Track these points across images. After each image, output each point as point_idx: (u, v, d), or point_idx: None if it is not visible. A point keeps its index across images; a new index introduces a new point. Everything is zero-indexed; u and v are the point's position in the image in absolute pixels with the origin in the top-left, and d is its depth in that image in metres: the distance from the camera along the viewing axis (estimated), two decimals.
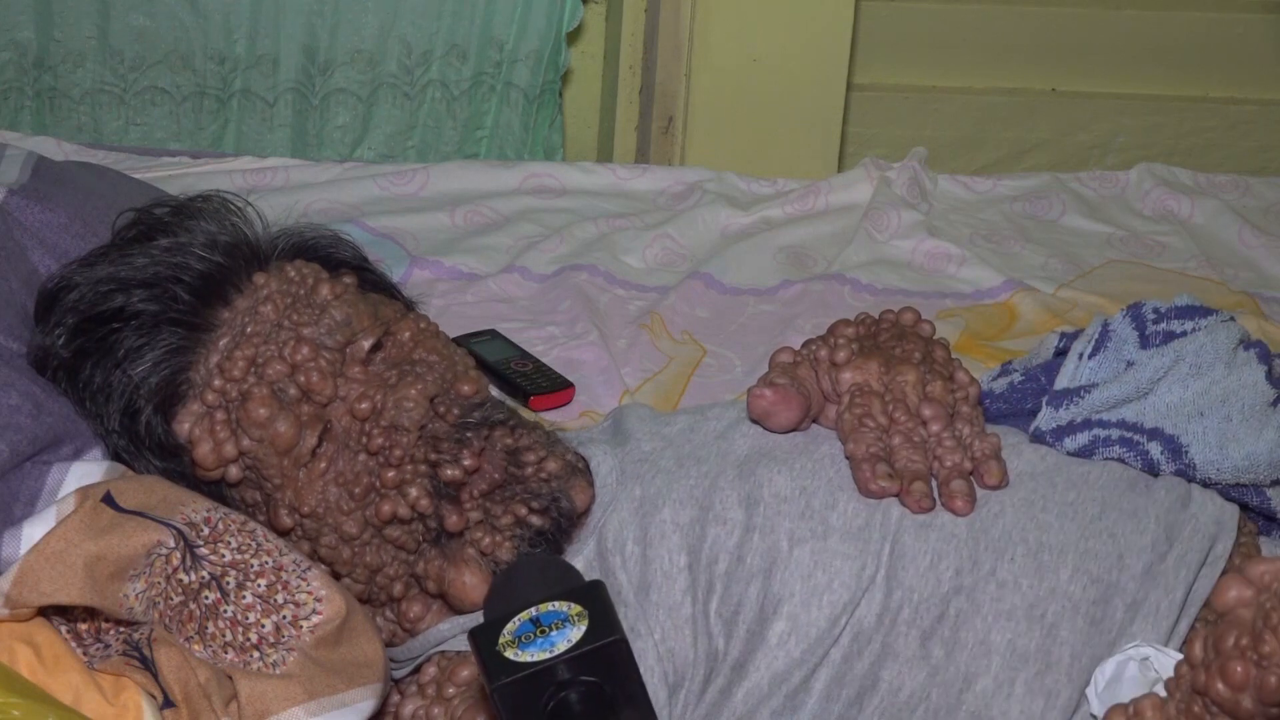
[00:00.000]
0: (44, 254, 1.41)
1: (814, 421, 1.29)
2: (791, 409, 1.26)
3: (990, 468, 1.21)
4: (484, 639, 0.90)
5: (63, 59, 2.63)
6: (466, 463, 1.23)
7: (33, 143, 2.21)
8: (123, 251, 1.32)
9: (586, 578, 0.98)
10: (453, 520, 1.22)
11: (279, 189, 2.20)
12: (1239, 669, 0.86)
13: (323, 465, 1.25)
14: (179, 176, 2.16)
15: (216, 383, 1.25)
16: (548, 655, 0.89)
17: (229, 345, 1.26)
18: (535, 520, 1.24)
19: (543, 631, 0.90)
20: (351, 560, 1.25)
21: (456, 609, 1.25)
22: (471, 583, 1.23)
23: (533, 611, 0.91)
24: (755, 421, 1.28)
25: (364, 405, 1.24)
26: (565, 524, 1.25)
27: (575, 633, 0.89)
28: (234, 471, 1.25)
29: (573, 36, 2.76)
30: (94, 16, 2.62)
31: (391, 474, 1.23)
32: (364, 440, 1.24)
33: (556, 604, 0.91)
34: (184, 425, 1.26)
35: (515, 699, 0.89)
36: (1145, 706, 0.91)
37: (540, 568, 0.99)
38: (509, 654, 0.89)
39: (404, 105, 2.74)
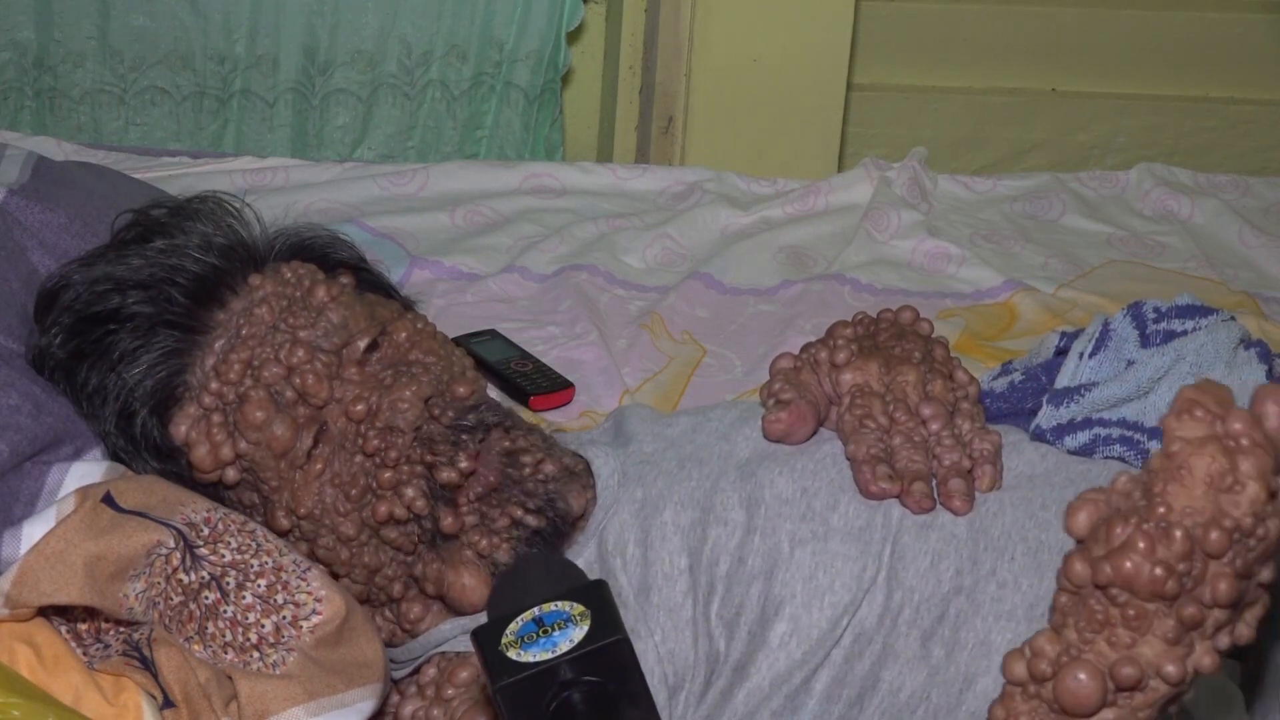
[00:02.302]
0: (44, 254, 1.41)
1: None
2: (807, 424, 1.26)
3: (984, 472, 1.21)
4: (487, 639, 0.90)
5: (63, 59, 2.64)
6: (463, 465, 1.23)
7: (33, 143, 2.21)
8: (120, 252, 1.32)
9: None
10: (448, 522, 1.22)
11: (279, 189, 2.20)
12: (1141, 541, 0.84)
13: (319, 467, 1.25)
14: (179, 176, 2.16)
15: (213, 385, 1.25)
16: (550, 655, 0.89)
17: (224, 348, 1.26)
18: (531, 521, 1.24)
19: (545, 631, 0.89)
20: (350, 561, 1.25)
21: (456, 611, 1.25)
22: (470, 585, 1.23)
23: (535, 611, 0.90)
24: (775, 442, 1.28)
25: (359, 407, 1.24)
26: (561, 525, 1.25)
27: (578, 633, 0.89)
28: (231, 474, 1.25)
29: (573, 36, 2.77)
30: (94, 16, 2.62)
31: (388, 475, 1.23)
32: (359, 442, 1.24)
33: (559, 604, 0.91)
34: (180, 428, 1.26)
35: (518, 699, 0.89)
36: (1041, 642, 0.87)
37: (543, 566, 0.98)
38: (512, 654, 0.89)
39: (404, 105, 2.74)
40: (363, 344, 1.27)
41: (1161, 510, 0.84)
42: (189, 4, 2.63)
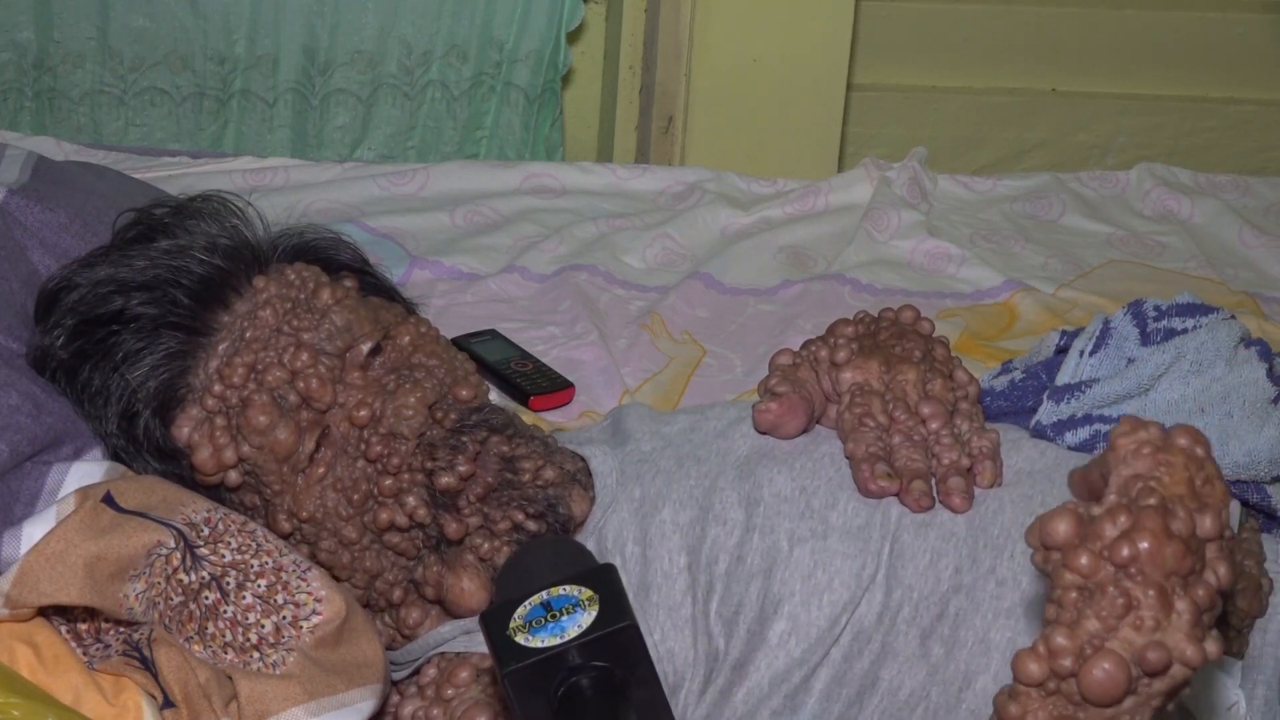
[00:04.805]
0: (44, 254, 1.41)
1: (816, 422, 1.29)
2: (798, 417, 1.26)
3: (984, 468, 1.21)
4: (494, 623, 0.89)
5: (62, 60, 2.64)
6: (461, 469, 1.22)
7: (33, 143, 2.21)
8: (123, 252, 1.31)
9: None
10: (453, 528, 1.22)
11: (279, 189, 2.20)
12: (1150, 521, 0.84)
13: (321, 470, 1.24)
14: (179, 176, 2.16)
15: (216, 388, 1.25)
16: (558, 641, 0.88)
17: (228, 350, 1.26)
18: (532, 525, 1.24)
19: (553, 616, 0.89)
20: (350, 565, 1.25)
21: (454, 614, 1.25)
22: (469, 589, 1.23)
23: (544, 595, 0.90)
24: (764, 433, 1.28)
25: (363, 413, 1.23)
26: (560, 530, 1.25)
27: (586, 618, 0.88)
28: (233, 476, 1.25)
29: (573, 36, 2.77)
30: (94, 17, 2.62)
31: (389, 482, 1.22)
32: (362, 447, 1.24)
33: (567, 588, 0.90)
34: (183, 430, 1.26)
35: (526, 684, 0.88)
36: (1058, 639, 0.85)
37: (552, 549, 0.98)
38: (519, 639, 0.88)
39: (404, 106, 2.74)
40: (366, 348, 1.27)
41: (1153, 500, 0.85)
42: (189, 4, 2.63)
